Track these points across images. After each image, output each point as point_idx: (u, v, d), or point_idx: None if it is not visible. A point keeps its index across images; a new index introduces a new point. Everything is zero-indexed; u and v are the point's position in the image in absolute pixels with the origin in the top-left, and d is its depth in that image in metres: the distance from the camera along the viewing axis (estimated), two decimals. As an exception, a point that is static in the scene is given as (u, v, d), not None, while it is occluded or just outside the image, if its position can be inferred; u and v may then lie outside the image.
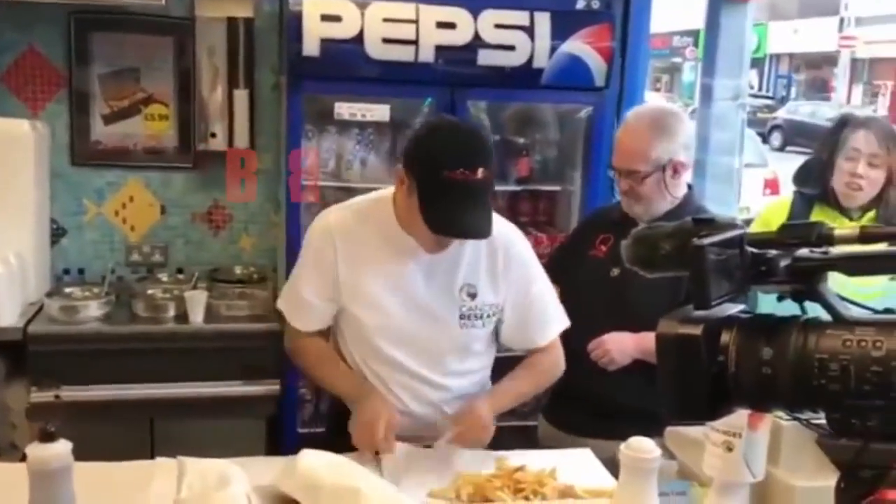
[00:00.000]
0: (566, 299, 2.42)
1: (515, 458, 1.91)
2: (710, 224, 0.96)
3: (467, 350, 2.08)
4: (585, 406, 2.34)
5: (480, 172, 1.77)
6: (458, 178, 1.75)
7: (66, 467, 1.30)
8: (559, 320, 2.14)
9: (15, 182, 3.16)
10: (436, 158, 1.80)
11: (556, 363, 2.16)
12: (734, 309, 0.96)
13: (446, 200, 1.79)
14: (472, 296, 1.99)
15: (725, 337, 0.93)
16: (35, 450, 1.29)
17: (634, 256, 1.02)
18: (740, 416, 1.32)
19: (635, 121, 2.36)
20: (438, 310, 1.99)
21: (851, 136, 2.46)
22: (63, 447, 1.30)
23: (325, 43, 3.06)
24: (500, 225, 2.03)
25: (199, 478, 1.45)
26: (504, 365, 2.20)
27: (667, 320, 0.94)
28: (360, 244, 1.97)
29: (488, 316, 2.03)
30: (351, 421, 1.94)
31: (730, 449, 1.37)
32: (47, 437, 1.29)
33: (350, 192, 3.54)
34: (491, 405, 2.02)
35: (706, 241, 0.89)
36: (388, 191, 2.03)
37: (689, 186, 2.40)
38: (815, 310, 0.95)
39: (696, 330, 0.92)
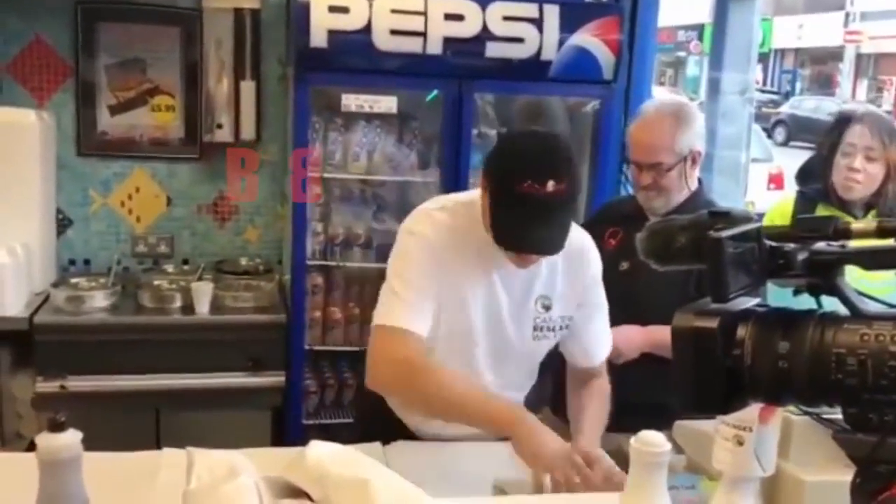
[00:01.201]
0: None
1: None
2: (726, 217, 0.95)
3: (533, 362, 2.06)
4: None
5: (551, 186, 1.69)
6: (526, 191, 1.69)
7: (76, 457, 1.30)
8: (609, 344, 2.11)
9: (21, 172, 3.17)
10: (505, 170, 1.75)
11: (608, 390, 2.10)
12: (750, 302, 0.95)
13: (512, 213, 1.73)
14: (547, 308, 1.95)
15: (741, 330, 0.92)
16: (45, 440, 1.29)
17: (649, 249, 1.02)
18: (751, 409, 1.31)
19: (657, 113, 2.35)
20: (514, 321, 1.94)
21: (847, 131, 2.45)
22: (73, 437, 1.29)
23: (333, 34, 3.06)
24: (580, 234, 2.00)
25: (208, 469, 1.45)
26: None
27: (682, 313, 0.93)
28: (455, 251, 1.88)
29: (560, 328, 1.98)
30: (525, 450, 1.78)
31: (740, 443, 1.36)
32: (57, 427, 1.29)
33: (356, 184, 3.58)
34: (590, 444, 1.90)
35: (724, 233, 0.88)
36: (478, 193, 1.92)
37: (700, 180, 2.40)
38: (830, 305, 0.95)
39: (712, 323, 0.91)
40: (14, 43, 3.43)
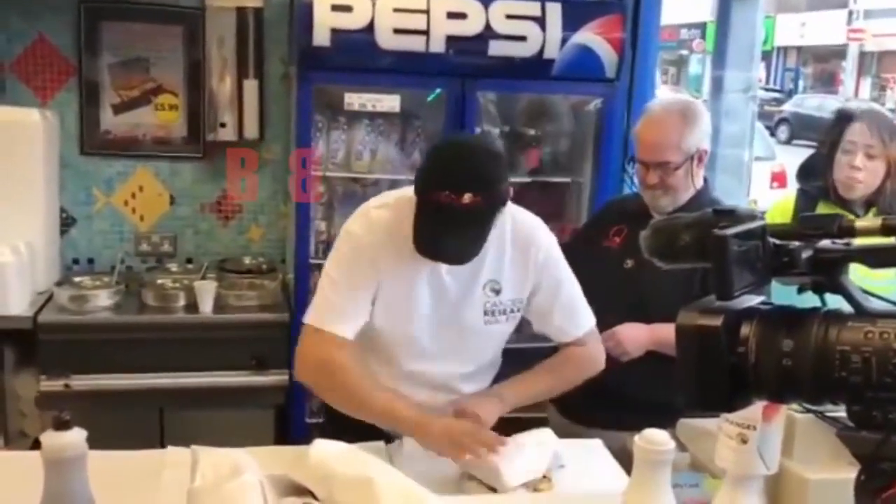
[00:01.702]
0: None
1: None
2: (730, 215, 0.95)
3: (490, 349, 2.07)
4: (597, 397, 2.33)
5: (468, 198, 1.71)
6: (443, 201, 1.72)
7: (81, 455, 1.30)
8: (588, 314, 2.09)
9: (24, 171, 3.17)
10: (427, 178, 1.79)
11: (591, 358, 2.10)
12: (754, 300, 0.95)
13: (429, 221, 1.77)
14: (497, 291, 1.97)
15: (745, 328, 0.92)
16: (50, 438, 1.29)
17: (653, 247, 1.02)
18: (755, 408, 1.31)
19: (663, 112, 2.35)
20: (464, 306, 1.96)
21: (848, 129, 2.45)
22: (78, 435, 1.30)
23: (336, 33, 3.06)
24: (524, 217, 2.02)
25: (212, 467, 1.45)
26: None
27: (687, 311, 0.93)
28: (393, 245, 1.90)
29: (511, 311, 2.00)
30: (427, 440, 1.84)
31: (744, 441, 1.36)
32: (62, 426, 1.29)
33: (359, 183, 3.58)
34: (499, 404, 1.97)
35: (728, 231, 0.88)
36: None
37: (705, 179, 2.40)
38: (834, 302, 0.95)
39: (717, 321, 0.91)
40: (17, 42, 3.43)
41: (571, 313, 2.07)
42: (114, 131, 3.55)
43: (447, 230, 1.75)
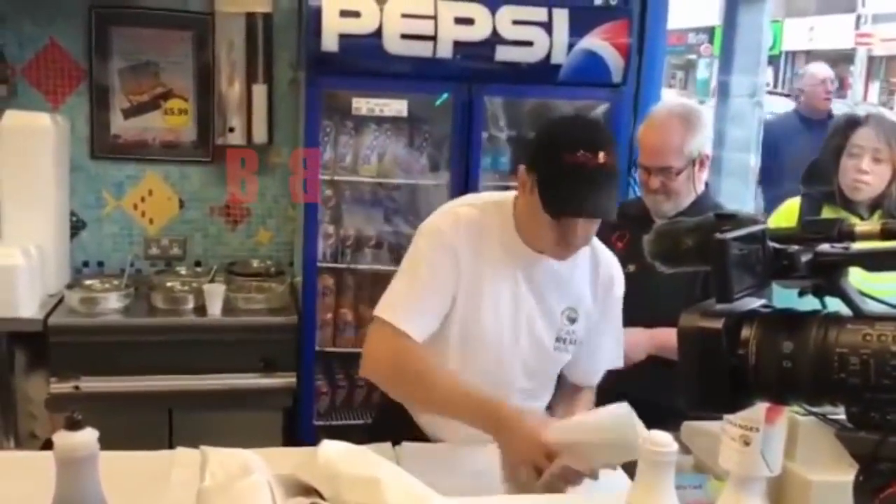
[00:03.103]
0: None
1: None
2: (732, 219, 0.97)
3: (552, 373, 2.02)
4: (599, 401, 2.34)
5: (602, 156, 1.71)
6: (580, 161, 1.70)
7: (93, 455, 1.31)
8: (615, 360, 2.06)
9: (35, 175, 3.20)
10: (556, 144, 1.76)
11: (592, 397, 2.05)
12: (755, 303, 0.97)
13: (567, 183, 1.73)
14: (573, 320, 1.94)
15: (746, 331, 0.94)
16: (62, 438, 1.30)
17: (656, 251, 1.03)
18: (757, 410, 1.32)
19: (665, 117, 2.37)
20: (538, 326, 1.92)
21: (853, 133, 2.46)
22: (90, 435, 1.31)
23: (344, 38, 3.09)
24: (610, 257, 2.03)
25: (222, 466, 1.47)
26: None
27: (688, 314, 0.95)
28: (477, 245, 1.87)
29: (575, 343, 1.97)
30: (508, 446, 1.76)
31: (747, 443, 1.37)
32: (74, 426, 1.30)
33: (367, 187, 3.60)
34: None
35: (729, 235, 0.90)
36: (510, 195, 1.94)
37: (706, 183, 2.42)
38: (835, 305, 0.96)
39: (717, 323, 0.93)
40: (29, 47, 3.47)
41: (604, 361, 2.03)
42: (124, 135, 3.58)
43: (588, 189, 1.73)
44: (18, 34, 3.44)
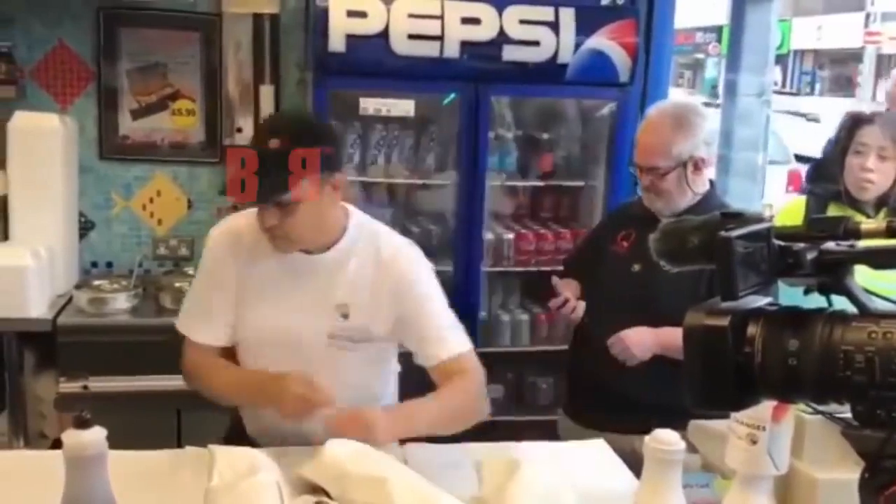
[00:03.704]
0: (587, 295, 2.44)
1: (529, 449, 1.92)
2: (737, 217, 0.97)
3: (335, 373, 1.92)
4: (605, 401, 2.35)
5: (273, 143, 1.77)
6: (254, 146, 1.81)
7: (102, 454, 1.32)
8: (460, 341, 1.97)
9: (44, 176, 3.21)
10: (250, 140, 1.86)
11: (468, 393, 1.93)
12: (761, 301, 0.97)
13: (243, 170, 1.79)
14: (345, 316, 1.92)
15: (752, 328, 0.94)
16: (71, 437, 1.31)
17: (662, 250, 1.03)
18: (764, 408, 1.32)
19: (657, 117, 2.37)
20: (311, 326, 1.92)
21: (859, 131, 2.46)
22: (98, 434, 1.32)
23: (351, 39, 3.09)
24: (393, 242, 1.99)
25: (229, 466, 1.48)
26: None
27: (694, 312, 0.95)
28: (252, 255, 1.93)
29: (360, 340, 1.94)
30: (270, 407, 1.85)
31: (754, 442, 1.38)
32: (83, 424, 1.32)
33: (374, 187, 3.61)
34: (385, 418, 1.82)
35: (734, 233, 0.90)
36: None
37: (711, 183, 2.41)
38: (840, 303, 0.96)
39: (723, 321, 0.93)
40: (38, 48, 3.48)
41: (431, 338, 1.95)
42: (132, 136, 3.59)
43: (258, 175, 1.76)
44: (27, 36, 3.45)
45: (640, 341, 2.25)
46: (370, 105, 3.30)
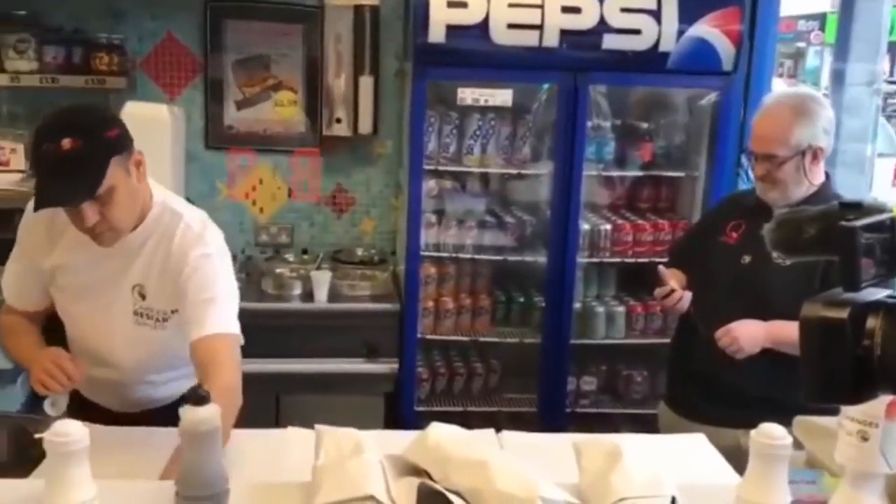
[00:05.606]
0: (693, 286, 2.40)
1: (627, 441, 1.90)
2: (857, 208, 0.95)
3: (154, 349, 2.01)
4: (710, 394, 2.31)
5: (67, 143, 1.74)
6: (47, 152, 1.76)
7: (216, 429, 1.38)
8: (225, 325, 1.92)
9: (153, 165, 3.25)
10: (33, 141, 1.81)
11: (224, 390, 1.75)
12: (880, 293, 0.95)
13: (42, 177, 1.79)
14: (143, 296, 1.96)
15: (872, 321, 0.92)
16: (188, 412, 1.37)
17: (777, 240, 1.02)
18: (877, 404, 1.29)
19: (776, 105, 2.31)
20: (118, 305, 1.97)
21: None
22: (213, 411, 1.38)
23: (451, 29, 3.11)
24: (186, 234, 1.96)
25: (336, 445, 1.51)
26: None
27: (811, 303, 0.93)
28: (62, 233, 1.95)
29: (158, 320, 1.97)
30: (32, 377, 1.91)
31: (865, 438, 1.34)
32: (199, 401, 1.37)
33: (470, 177, 3.63)
34: None
35: (857, 223, 0.88)
36: None
37: (827, 174, 2.34)
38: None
39: (842, 313, 0.91)
40: (148, 41, 3.62)
41: (200, 318, 1.88)
42: (236, 126, 3.70)
43: (53, 178, 1.77)
44: (138, 29, 3.58)
45: (749, 334, 2.20)
46: (468, 95, 3.32)
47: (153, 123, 3.30)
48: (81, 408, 2.01)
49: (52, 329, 2.09)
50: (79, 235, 1.89)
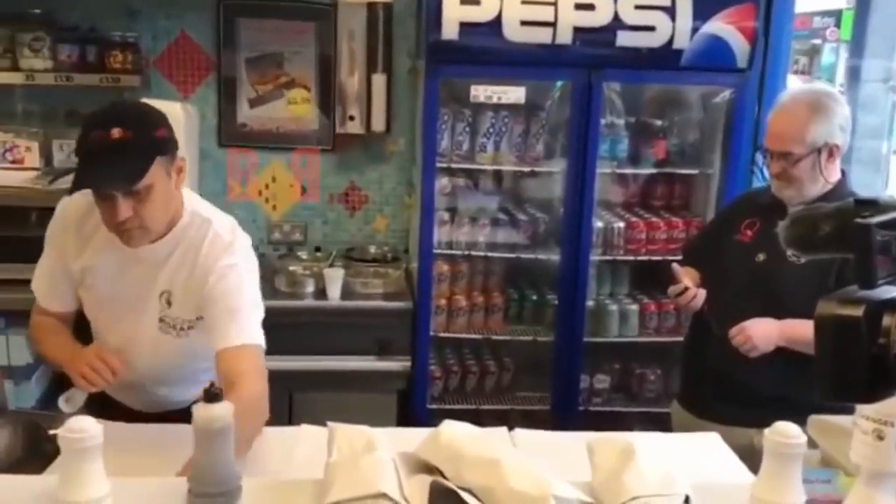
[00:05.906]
0: (707, 284, 2.39)
1: (640, 440, 1.89)
2: (873, 205, 0.94)
3: (162, 356, 2.01)
4: (724, 392, 2.30)
5: (117, 132, 1.75)
6: (96, 139, 1.77)
7: (228, 426, 1.38)
8: (250, 335, 1.93)
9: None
10: (82, 128, 1.83)
11: (248, 401, 1.76)
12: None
13: (86, 161, 1.80)
14: (169, 304, 1.97)
15: (888, 319, 0.91)
16: (200, 409, 1.37)
17: (792, 238, 1.01)
18: (893, 403, 1.28)
19: (792, 102, 2.30)
20: (143, 311, 1.98)
21: None
22: (226, 408, 1.38)
23: (464, 26, 3.11)
24: (218, 243, 1.95)
25: (348, 442, 1.52)
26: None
27: (826, 301, 0.93)
28: (88, 237, 1.97)
29: (182, 328, 1.98)
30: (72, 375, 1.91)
31: (881, 437, 1.32)
32: (212, 398, 1.38)
33: (482, 175, 3.63)
34: None
35: (873, 220, 0.87)
36: None
37: (843, 172, 2.32)
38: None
39: (858, 311, 0.91)
40: (162, 39, 3.63)
41: (226, 330, 1.89)
42: (250, 124, 3.71)
43: (101, 164, 1.78)
44: (152, 27, 3.60)
45: (763, 333, 2.19)
46: (481, 93, 3.31)
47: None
48: (104, 406, 2.02)
49: (80, 328, 2.10)
50: (108, 238, 1.90)
